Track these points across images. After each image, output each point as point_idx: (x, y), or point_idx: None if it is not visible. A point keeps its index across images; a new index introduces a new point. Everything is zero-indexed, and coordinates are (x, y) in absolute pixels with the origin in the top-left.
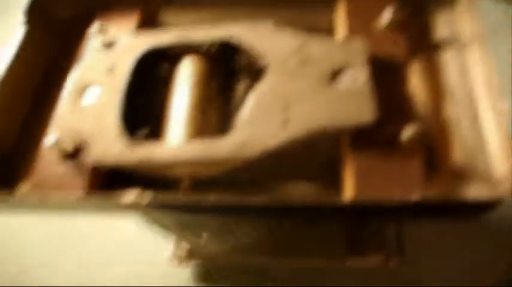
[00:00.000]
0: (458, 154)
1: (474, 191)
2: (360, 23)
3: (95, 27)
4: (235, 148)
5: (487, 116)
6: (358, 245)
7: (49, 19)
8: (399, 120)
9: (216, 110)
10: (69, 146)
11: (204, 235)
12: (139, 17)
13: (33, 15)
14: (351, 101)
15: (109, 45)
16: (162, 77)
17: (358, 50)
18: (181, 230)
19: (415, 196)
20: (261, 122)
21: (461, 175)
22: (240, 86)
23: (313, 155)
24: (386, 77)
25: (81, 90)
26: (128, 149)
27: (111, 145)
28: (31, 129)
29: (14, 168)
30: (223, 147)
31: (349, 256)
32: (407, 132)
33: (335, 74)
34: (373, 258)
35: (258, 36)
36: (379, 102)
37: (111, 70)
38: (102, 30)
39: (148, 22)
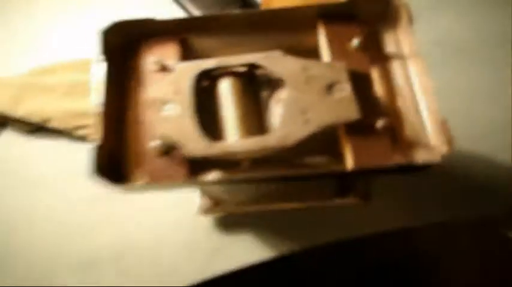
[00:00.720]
0: (408, 133)
1: (420, 157)
2: (337, 45)
3: (152, 58)
4: (278, 140)
5: (424, 107)
6: (343, 192)
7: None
8: (372, 114)
9: (252, 113)
10: (165, 146)
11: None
12: (178, 44)
13: (108, 52)
14: (343, 105)
15: (163, 69)
16: (209, 91)
17: (342, 69)
18: (221, 194)
19: (392, 162)
20: (291, 122)
21: (411, 146)
22: (263, 94)
23: (323, 139)
24: (360, 85)
25: (160, 106)
26: (209, 145)
27: (197, 143)
28: (124, 136)
29: (121, 165)
30: (271, 140)
31: (336, 198)
32: (379, 123)
33: (330, 87)
34: (351, 199)
35: (272, 61)
36: (360, 104)
37: (177, 91)
38: (156, 60)
39: (183, 47)
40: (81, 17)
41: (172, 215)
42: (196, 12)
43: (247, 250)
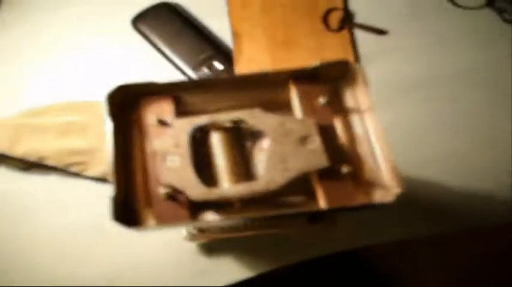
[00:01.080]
0: (367, 175)
1: (378, 196)
2: (307, 103)
3: (151, 114)
4: (263, 185)
5: (379, 152)
6: (313, 221)
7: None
8: (338, 160)
9: (239, 160)
10: (171, 192)
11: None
12: (172, 100)
13: (113, 110)
14: (315, 155)
15: (162, 123)
16: (202, 142)
17: (312, 124)
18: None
19: (355, 202)
20: (273, 170)
21: (371, 187)
22: (248, 144)
23: (298, 182)
24: (327, 136)
25: (164, 157)
26: (208, 191)
27: (197, 190)
28: (134, 182)
29: (133, 206)
30: (258, 186)
31: (307, 225)
32: (344, 169)
33: (303, 139)
34: (320, 225)
35: (254, 117)
36: (328, 153)
37: (177, 144)
38: (155, 117)
39: (176, 101)
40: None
41: (161, 239)
42: (177, 61)
43: (229, 271)
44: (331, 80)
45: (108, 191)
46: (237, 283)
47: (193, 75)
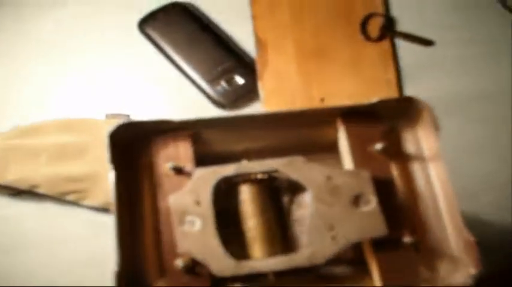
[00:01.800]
0: (431, 243)
1: (444, 270)
2: (360, 148)
3: (166, 164)
4: (307, 259)
5: (446, 213)
6: None
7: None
8: (397, 225)
9: (274, 221)
10: (190, 264)
11: None
12: (189, 138)
13: (119, 158)
14: (370, 220)
15: (179, 172)
16: (227, 195)
17: (367, 179)
18: None
19: (419, 279)
20: (318, 239)
21: (435, 257)
22: (284, 198)
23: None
24: (384, 193)
25: (181, 219)
26: (236, 265)
27: (223, 263)
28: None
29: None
30: (300, 260)
31: None
32: (407, 239)
33: (356, 199)
34: None
35: (295, 168)
36: (385, 215)
37: (198, 201)
38: (171, 164)
39: (196, 140)
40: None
41: None
42: (191, 72)
43: None
44: (387, 118)
45: (110, 221)
46: None
47: (209, 90)
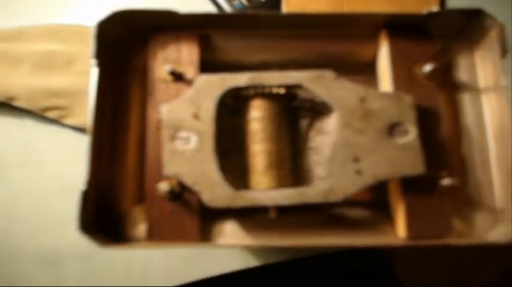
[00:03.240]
0: (471, 189)
1: (482, 224)
2: (403, 69)
3: (164, 67)
4: (322, 195)
5: (494, 157)
6: None
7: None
8: (435, 165)
9: (287, 147)
10: (177, 190)
11: None
12: (196, 41)
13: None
14: (405, 154)
15: (179, 78)
16: (234, 113)
17: (409, 105)
18: None
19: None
20: (339, 173)
21: (473, 207)
22: (302, 122)
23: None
24: (426, 125)
25: (174, 135)
26: (234, 195)
27: (218, 192)
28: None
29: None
30: (312, 195)
31: None
32: (445, 181)
33: (391, 129)
34: None
35: (323, 84)
36: (423, 152)
37: (197, 114)
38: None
39: (204, 46)
40: None
41: None
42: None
43: (218, 261)
44: (440, 38)
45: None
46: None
47: (225, 6)
